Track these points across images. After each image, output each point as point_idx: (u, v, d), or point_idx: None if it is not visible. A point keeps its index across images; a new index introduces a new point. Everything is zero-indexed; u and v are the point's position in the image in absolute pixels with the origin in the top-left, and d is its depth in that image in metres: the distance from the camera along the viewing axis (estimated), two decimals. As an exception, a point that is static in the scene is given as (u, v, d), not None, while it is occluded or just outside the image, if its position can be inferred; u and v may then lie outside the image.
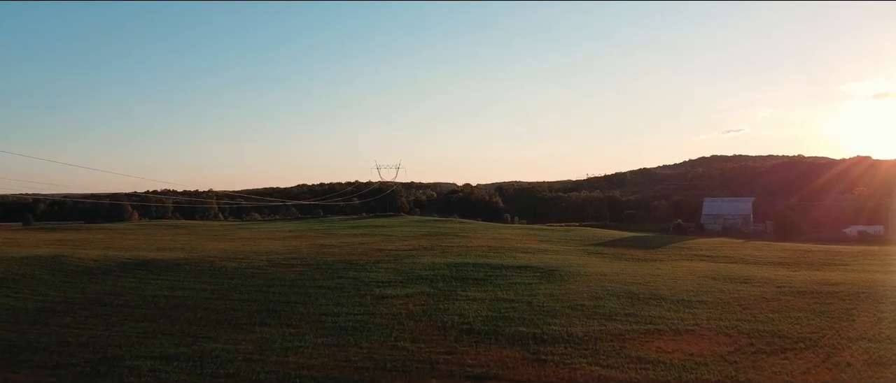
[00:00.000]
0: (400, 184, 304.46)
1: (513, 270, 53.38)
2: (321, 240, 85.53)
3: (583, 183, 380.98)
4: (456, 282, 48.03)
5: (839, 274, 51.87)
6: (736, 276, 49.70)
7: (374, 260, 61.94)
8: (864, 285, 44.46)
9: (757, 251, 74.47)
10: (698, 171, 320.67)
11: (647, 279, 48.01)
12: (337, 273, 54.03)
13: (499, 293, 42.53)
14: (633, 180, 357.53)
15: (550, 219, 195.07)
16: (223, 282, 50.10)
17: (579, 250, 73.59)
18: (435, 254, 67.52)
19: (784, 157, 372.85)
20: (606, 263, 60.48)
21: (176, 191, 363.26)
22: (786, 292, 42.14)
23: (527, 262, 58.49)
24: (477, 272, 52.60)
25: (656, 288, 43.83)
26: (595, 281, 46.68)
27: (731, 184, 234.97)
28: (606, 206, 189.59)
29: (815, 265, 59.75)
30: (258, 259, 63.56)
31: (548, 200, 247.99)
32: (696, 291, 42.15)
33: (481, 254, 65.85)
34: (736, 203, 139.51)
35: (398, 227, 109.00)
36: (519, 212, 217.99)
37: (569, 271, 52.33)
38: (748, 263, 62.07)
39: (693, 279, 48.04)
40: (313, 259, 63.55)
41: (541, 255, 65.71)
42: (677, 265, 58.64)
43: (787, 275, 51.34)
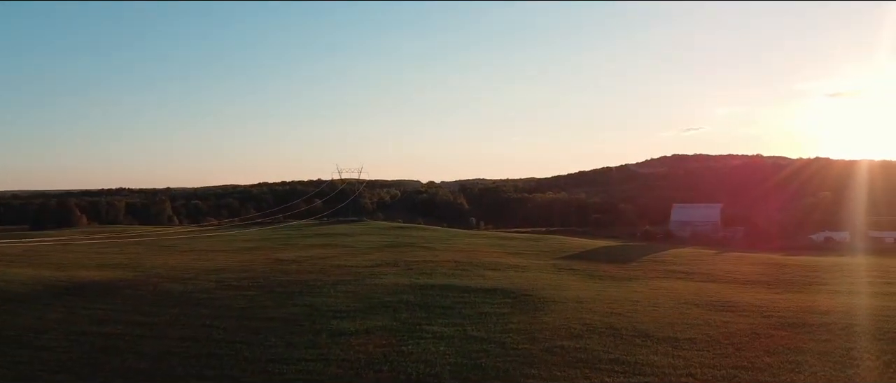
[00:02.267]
0: (363, 185, 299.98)
1: (482, 294, 49.67)
2: (278, 253, 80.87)
3: (547, 181, 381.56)
4: (421, 310, 44.09)
5: (825, 298, 49.32)
6: (718, 302, 46.73)
7: (333, 280, 57.65)
8: (854, 314, 41.82)
9: (732, 265, 72.15)
10: (661, 171, 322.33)
11: (627, 307, 44.71)
12: (291, 298, 49.66)
13: (468, 327, 38.68)
14: (597, 179, 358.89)
15: (517, 222, 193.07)
16: (164, 312, 45.28)
17: (550, 266, 70.30)
18: (398, 271, 63.59)
19: (744, 157, 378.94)
20: (580, 283, 57.21)
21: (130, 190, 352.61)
22: (775, 324, 39.14)
23: (496, 283, 54.88)
24: (443, 297, 48.76)
25: (638, 319, 40.48)
26: (571, 310, 43.17)
27: (695, 187, 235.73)
28: (573, 210, 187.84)
29: (797, 284, 57.33)
30: (207, 279, 58.75)
31: (513, 201, 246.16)
32: (681, 325, 38.86)
33: (448, 272, 62.11)
34: (705, 210, 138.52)
35: (361, 236, 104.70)
36: (484, 214, 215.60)
37: (542, 295, 48.82)
38: (727, 282, 59.45)
39: (675, 306, 44.89)
40: (267, 279, 59.01)
41: (511, 273, 62.19)
42: (655, 286, 55.60)
43: (771, 299, 48.59)
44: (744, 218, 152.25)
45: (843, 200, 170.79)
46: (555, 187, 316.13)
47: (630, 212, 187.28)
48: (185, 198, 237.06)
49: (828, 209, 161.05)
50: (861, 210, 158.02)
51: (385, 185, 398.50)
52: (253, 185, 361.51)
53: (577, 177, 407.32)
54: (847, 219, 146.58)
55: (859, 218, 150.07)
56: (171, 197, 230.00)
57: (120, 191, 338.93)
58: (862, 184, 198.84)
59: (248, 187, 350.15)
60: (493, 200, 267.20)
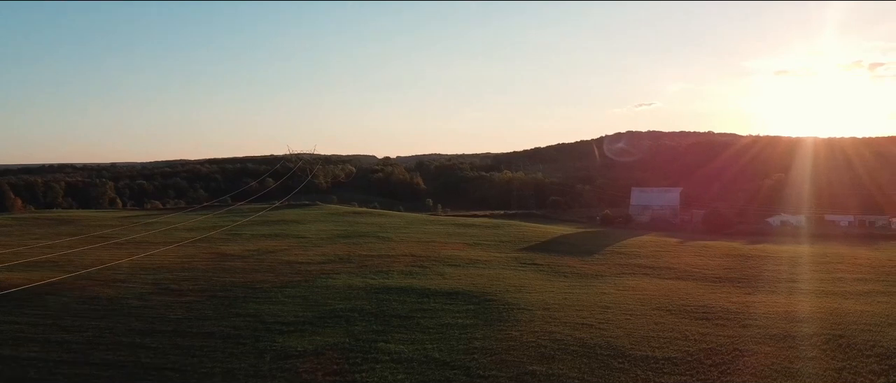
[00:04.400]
0: (317, 162, 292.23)
1: (442, 299, 46.25)
2: (223, 245, 75.88)
3: (504, 158, 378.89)
4: (377, 322, 40.44)
5: (799, 300, 47.22)
6: (692, 307, 44.22)
7: (281, 282, 53.49)
8: (834, 322, 39.72)
9: (697, 258, 70.13)
10: (617, 148, 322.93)
11: (598, 315, 41.79)
12: (234, 306, 45.48)
13: (428, 346, 35.22)
14: (553, 155, 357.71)
15: (475, 202, 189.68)
16: (89, 326, 40.66)
17: (512, 260, 67.17)
18: (352, 269, 59.65)
19: (696, 133, 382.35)
20: (545, 282, 54.19)
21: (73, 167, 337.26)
22: (757, 337, 36.69)
23: (457, 285, 51.42)
24: (401, 303, 45.18)
25: (611, 332, 37.58)
26: (539, 320, 40.04)
27: (651, 165, 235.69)
28: (531, 191, 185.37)
29: (766, 283, 55.31)
30: (143, 281, 53.99)
31: (471, 180, 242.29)
32: (658, 340, 36.09)
33: (405, 271, 58.41)
34: (664, 194, 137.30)
35: (313, 223, 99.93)
36: (442, 194, 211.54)
37: (507, 300, 45.64)
38: (696, 279, 57.17)
39: (648, 314, 42.14)
40: (209, 280, 54.51)
41: (472, 271, 58.81)
42: (623, 286, 52.89)
43: (745, 302, 46.30)
44: (702, 200, 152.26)
45: (796, 182, 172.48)
46: (511, 164, 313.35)
47: (588, 193, 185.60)
48: (130, 177, 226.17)
49: (782, 191, 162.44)
50: (814, 192, 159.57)
51: (340, 161, 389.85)
52: (202, 162, 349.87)
53: (532, 154, 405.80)
54: (801, 201, 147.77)
55: (813, 201, 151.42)
56: (115, 176, 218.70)
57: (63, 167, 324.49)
58: (810, 163, 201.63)
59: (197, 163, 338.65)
60: (450, 179, 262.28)
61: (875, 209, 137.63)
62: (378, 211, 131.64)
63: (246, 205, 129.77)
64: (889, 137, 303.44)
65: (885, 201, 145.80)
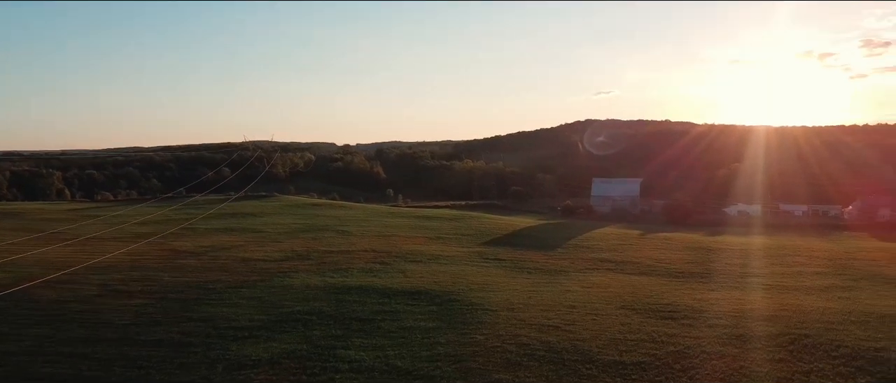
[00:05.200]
0: (275, 151, 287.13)
1: (404, 300, 44.87)
2: (177, 241, 73.16)
3: (464, 146, 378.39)
4: (336, 325, 38.88)
5: (760, 296, 47.24)
6: (657, 306, 43.71)
7: (237, 282, 51.40)
8: (795, 321, 39.61)
9: (659, 251, 70.20)
10: (576, 137, 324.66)
11: (563, 315, 40.92)
12: (186, 309, 43.35)
13: (390, 353, 33.82)
14: (513, 143, 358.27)
15: (436, 192, 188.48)
16: (29, 334, 38.19)
17: (475, 255, 66.17)
18: (311, 266, 57.79)
19: (654, 122, 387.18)
20: (509, 279, 53.26)
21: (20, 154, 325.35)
22: (722, 338, 36.25)
23: (419, 283, 50.11)
24: (361, 304, 43.66)
25: (577, 334, 36.73)
26: (504, 322, 38.97)
27: (609, 154, 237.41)
28: (492, 180, 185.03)
29: (728, 278, 55.46)
30: (89, 283, 51.26)
31: (432, 169, 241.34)
32: (625, 343, 35.34)
33: (365, 268, 56.81)
34: (624, 184, 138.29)
35: (271, 216, 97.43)
36: (402, 184, 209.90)
37: (470, 300, 44.50)
38: (659, 275, 56.99)
39: (614, 314, 41.43)
40: (160, 280, 52.11)
41: (434, 268, 57.54)
42: (587, 282, 52.32)
43: (709, 300, 46.04)
44: (660, 189, 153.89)
45: (750, 171, 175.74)
46: (472, 153, 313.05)
47: (549, 182, 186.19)
48: (80, 166, 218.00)
49: (738, 180, 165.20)
50: (767, 182, 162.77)
51: (299, 148, 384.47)
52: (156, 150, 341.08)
53: (493, 143, 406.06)
54: (757, 191, 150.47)
55: (767, 190, 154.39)
56: (64, 165, 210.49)
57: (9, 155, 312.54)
58: (763, 152, 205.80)
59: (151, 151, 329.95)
60: (410, 168, 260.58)
61: (825, 199, 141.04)
62: (338, 202, 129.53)
63: (202, 197, 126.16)
64: (838, 127, 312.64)
65: (834, 191, 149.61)
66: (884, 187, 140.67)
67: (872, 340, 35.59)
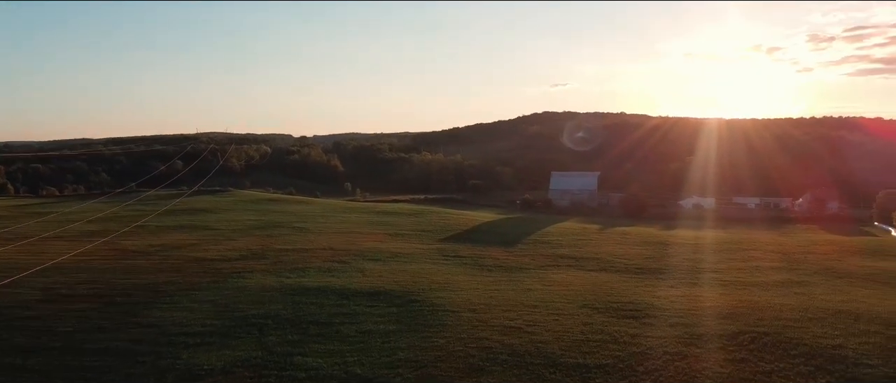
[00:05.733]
0: (230, 143, 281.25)
1: (363, 301, 43.83)
2: (126, 239, 70.60)
3: (422, 138, 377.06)
4: (293, 331, 37.65)
5: (719, 293, 47.49)
6: (619, 304, 43.53)
7: (189, 283, 49.67)
8: (754, 318, 39.82)
9: (618, 246, 70.50)
10: (534, 129, 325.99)
11: (525, 315, 40.42)
12: (134, 313, 41.59)
13: (349, 359, 32.82)
14: (472, 136, 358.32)
15: (394, 185, 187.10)
16: (-38, 344, 36.02)
17: (435, 252, 65.45)
18: (267, 266, 56.25)
19: (610, 114, 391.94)
20: (470, 278, 52.67)
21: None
22: (684, 338, 36.17)
23: (379, 283, 49.11)
24: (319, 307, 42.46)
25: (540, 335, 36.24)
26: (466, 324, 38.28)
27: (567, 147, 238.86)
28: (451, 173, 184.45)
29: (687, 274, 55.83)
30: (31, 286, 48.83)
31: (390, 162, 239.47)
32: (588, 344, 34.99)
33: (323, 267, 55.53)
34: (582, 178, 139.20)
35: (226, 213, 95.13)
36: (360, 177, 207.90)
37: (431, 301, 43.70)
38: (619, 271, 57.09)
39: (576, 313, 41.09)
40: (108, 283, 50.04)
41: (394, 266, 56.56)
42: (548, 280, 52.02)
43: (669, 297, 46.09)
44: (617, 182, 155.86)
45: (704, 164, 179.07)
46: (431, 145, 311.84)
47: (508, 175, 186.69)
48: (25, 160, 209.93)
49: (692, 173, 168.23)
50: (720, 174, 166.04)
51: (254, 140, 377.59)
52: (105, 142, 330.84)
53: (451, 135, 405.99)
54: (711, 184, 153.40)
55: (720, 183, 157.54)
56: (7, 160, 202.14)
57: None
58: (715, 145, 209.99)
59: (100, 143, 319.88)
60: (368, 161, 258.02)
61: (775, 191, 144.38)
62: (295, 198, 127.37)
63: (154, 192, 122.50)
64: (786, 119, 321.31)
65: (783, 183, 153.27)
66: (831, 180, 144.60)
67: (829, 338, 35.94)
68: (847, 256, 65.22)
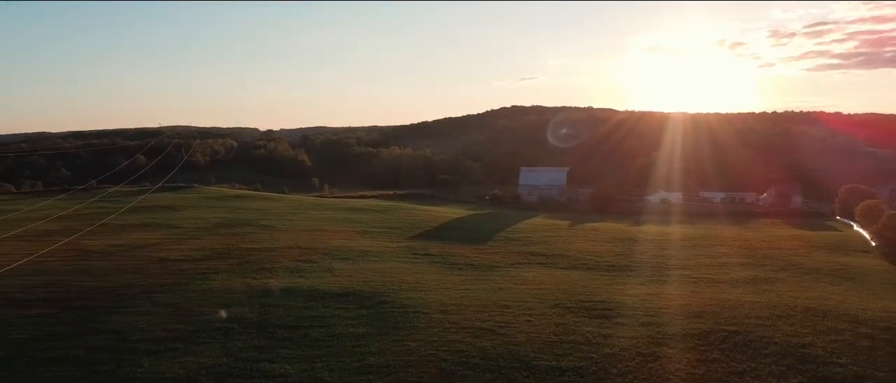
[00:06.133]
0: (195, 137, 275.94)
1: (332, 304, 42.87)
2: (86, 239, 68.41)
3: (391, 132, 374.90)
4: (259, 335, 36.59)
5: (689, 290, 47.60)
6: (591, 303, 43.30)
7: (151, 285, 48.14)
8: (725, 317, 39.89)
9: (588, 243, 70.53)
10: (502, 124, 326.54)
11: (497, 316, 39.91)
12: (94, 318, 40.10)
13: (318, 365, 31.98)
14: (440, 129, 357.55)
15: (363, 180, 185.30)
16: None
17: (405, 250, 64.68)
18: (232, 266, 54.86)
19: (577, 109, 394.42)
20: (440, 277, 52.05)
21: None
22: (657, 337, 36.03)
23: (348, 284, 48.18)
24: (286, 309, 41.40)
25: (512, 337, 35.77)
26: (437, 326, 37.63)
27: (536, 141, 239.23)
28: (420, 168, 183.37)
29: (657, 270, 56.00)
30: (-16, 290, 46.86)
31: (358, 157, 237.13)
32: (561, 345, 34.63)
33: (290, 267, 54.38)
34: (551, 173, 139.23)
35: (190, 210, 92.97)
36: (328, 172, 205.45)
37: (402, 302, 42.98)
38: (589, 268, 56.99)
39: (548, 313, 40.72)
40: (65, 286, 48.23)
41: (363, 265, 55.64)
42: (519, 278, 51.65)
43: (641, 295, 46.02)
44: (586, 177, 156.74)
45: (670, 159, 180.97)
46: (399, 139, 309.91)
47: (477, 170, 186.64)
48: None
49: (659, 168, 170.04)
50: (685, 168, 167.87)
51: (220, 134, 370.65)
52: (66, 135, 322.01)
53: (420, 129, 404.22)
54: (677, 178, 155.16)
55: (686, 177, 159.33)
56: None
57: None
58: (681, 139, 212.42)
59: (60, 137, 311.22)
60: (336, 155, 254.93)
61: (739, 185, 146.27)
62: (261, 194, 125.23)
63: (116, 189, 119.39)
64: (748, 114, 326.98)
65: (747, 177, 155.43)
66: (793, 175, 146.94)
67: (799, 336, 36.14)
68: (812, 251, 66.14)
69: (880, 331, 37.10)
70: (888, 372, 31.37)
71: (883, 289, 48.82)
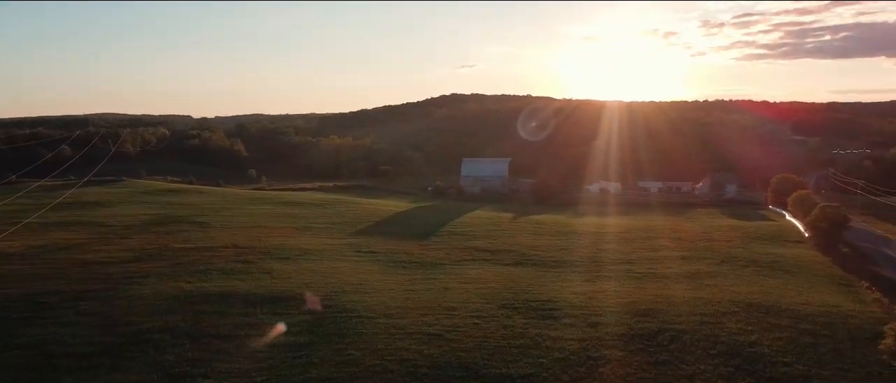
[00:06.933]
0: (124, 127, 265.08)
1: (271, 309, 40.90)
2: (4, 241, 63.94)
3: (330, 120, 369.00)
4: (193, 347, 34.48)
5: (634, 287, 47.57)
6: (537, 303, 42.67)
7: (75, 292, 44.99)
8: (671, 315, 39.89)
9: (532, 238, 70.29)
10: (442, 113, 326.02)
11: (444, 319, 38.80)
12: (10, 332, 37.10)
13: (256, 381, 30.24)
14: (380, 117, 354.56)
15: (301, 171, 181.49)
16: None
17: (347, 247, 62.94)
18: (164, 268, 51.98)
19: (516, 97, 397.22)
20: (384, 276, 50.65)
21: None
22: (605, 338, 35.68)
23: (288, 287, 46.17)
24: (222, 317, 39.26)
25: (461, 343, 34.78)
26: (383, 333, 36.26)
27: (477, 130, 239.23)
28: (361, 158, 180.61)
29: (601, 266, 55.98)
30: None
31: (297, 146, 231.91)
32: (509, 349, 33.87)
33: (226, 268, 51.89)
34: (494, 164, 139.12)
35: (119, 206, 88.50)
36: (265, 162, 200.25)
37: (344, 306, 41.38)
38: (534, 264, 56.58)
39: (495, 315, 39.84)
40: (-22, 295, 44.64)
41: (303, 266, 53.62)
42: (464, 277, 50.71)
43: (587, 293, 45.69)
44: (526, 167, 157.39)
45: (608, 148, 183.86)
46: (339, 127, 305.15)
47: (418, 160, 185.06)
48: None
49: (598, 157, 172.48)
50: (622, 158, 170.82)
51: (151, 122, 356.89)
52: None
53: (359, 117, 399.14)
54: (616, 167, 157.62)
55: (624, 166, 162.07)
56: None
57: None
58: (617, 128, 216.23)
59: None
60: (274, 145, 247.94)
61: (675, 174, 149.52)
62: (195, 187, 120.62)
63: (39, 184, 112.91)
64: (682, 102, 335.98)
65: (683, 166, 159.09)
66: (726, 164, 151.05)
67: (745, 333, 36.33)
68: (749, 243, 67.48)
69: (821, 327, 37.71)
70: (832, 370, 31.76)
71: (819, 282, 49.95)
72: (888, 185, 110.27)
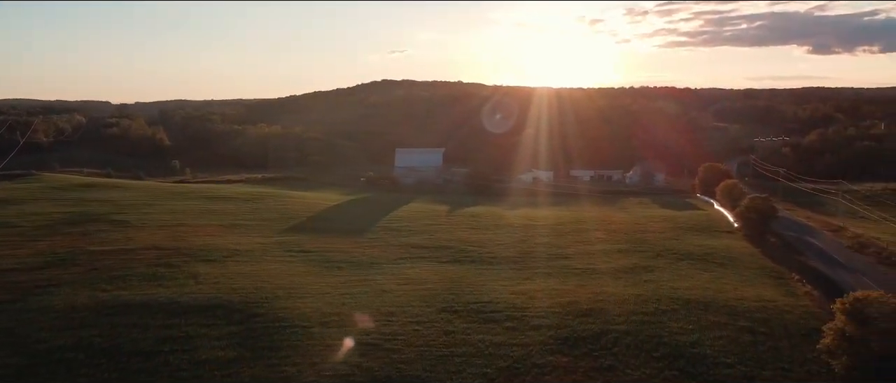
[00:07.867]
0: (36, 116, 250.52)
1: (197, 319, 38.36)
2: None
3: (257, 107, 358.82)
4: (110, 366, 31.89)
5: (574, 284, 47.11)
6: (478, 305, 41.53)
7: (-24, 306, 41.11)
8: (613, 315, 39.52)
9: (469, 232, 69.37)
10: (373, 99, 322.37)
11: (383, 326, 37.25)
12: None
13: (182, 405, 27.91)
14: (310, 104, 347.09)
15: (228, 161, 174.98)
16: None
17: (278, 246, 60.32)
18: (78, 275, 48.30)
19: (447, 83, 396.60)
20: (318, 278, 48.54)
21: None
22: (549, 342, 35.00)
23: (214, 293, 43.51)
24: (144, 330, 36.50)
25: (401, 353, 33.38)
26: (319, 346, 34.43)
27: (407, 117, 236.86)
28: (291, 147, 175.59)
29: (540, 262, 55.53)
30: None
31: (223, 135, 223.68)
32: (451, 358, 32.77)
33: (147, 273, 48.63)
34: (427, 155, 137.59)
35: (30, 203, 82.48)
36: (189, 152, 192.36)
37: (276, 313, 39.27)
38: (473, 261, 55.64)
39: (435, 319, 38.57)
40: None
41: (232, 269, 50.81)
42: (402, 277, 49.19)
43: (527, 292, 44.88)
44: (461, 157, 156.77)
45: (540, 136, 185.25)
46: (267, 115, 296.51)
47: (350, 149, 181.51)
48: None
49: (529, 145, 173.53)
50: (552, 146, 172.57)
51: (65, 109, 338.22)
52: None
53: (288, 103, 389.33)
54: (547, 155, 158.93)
55: (556, 155, 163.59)
56: None
57: None
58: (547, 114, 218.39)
59: None
60: (198, 133, 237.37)
61: (606, 162, 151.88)
62: (114, 181, 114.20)
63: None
64: (608, 89, 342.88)
65: (611, 154, 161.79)
66: (654, 152, 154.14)
67: (686, 333, 36.21)
68: (682, 234, 68.38)
69: (758, 324, 38.01)
70: (773, 370, 31.89)
71: (752, 275, 50.74)
72: (805, 172, 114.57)
